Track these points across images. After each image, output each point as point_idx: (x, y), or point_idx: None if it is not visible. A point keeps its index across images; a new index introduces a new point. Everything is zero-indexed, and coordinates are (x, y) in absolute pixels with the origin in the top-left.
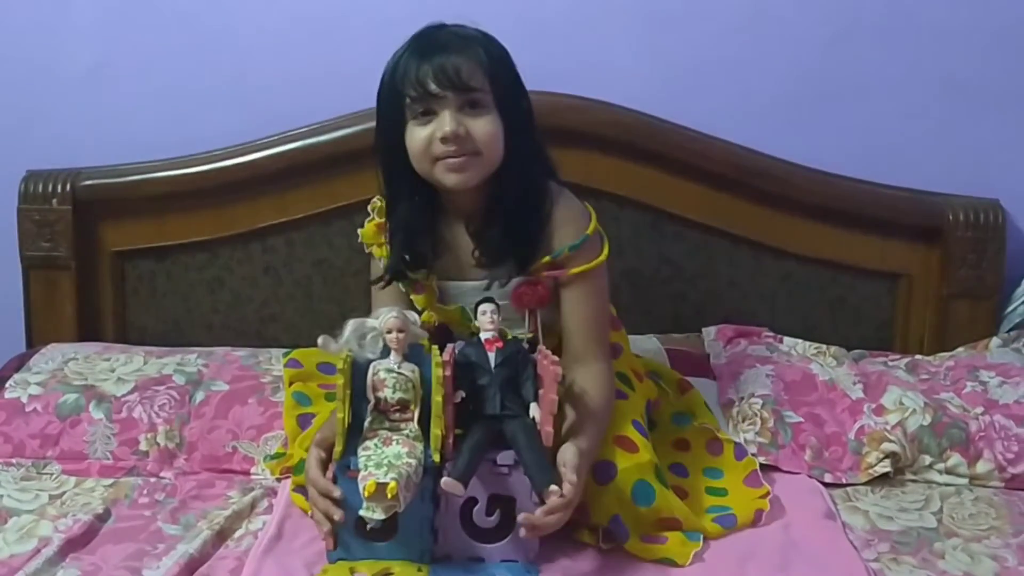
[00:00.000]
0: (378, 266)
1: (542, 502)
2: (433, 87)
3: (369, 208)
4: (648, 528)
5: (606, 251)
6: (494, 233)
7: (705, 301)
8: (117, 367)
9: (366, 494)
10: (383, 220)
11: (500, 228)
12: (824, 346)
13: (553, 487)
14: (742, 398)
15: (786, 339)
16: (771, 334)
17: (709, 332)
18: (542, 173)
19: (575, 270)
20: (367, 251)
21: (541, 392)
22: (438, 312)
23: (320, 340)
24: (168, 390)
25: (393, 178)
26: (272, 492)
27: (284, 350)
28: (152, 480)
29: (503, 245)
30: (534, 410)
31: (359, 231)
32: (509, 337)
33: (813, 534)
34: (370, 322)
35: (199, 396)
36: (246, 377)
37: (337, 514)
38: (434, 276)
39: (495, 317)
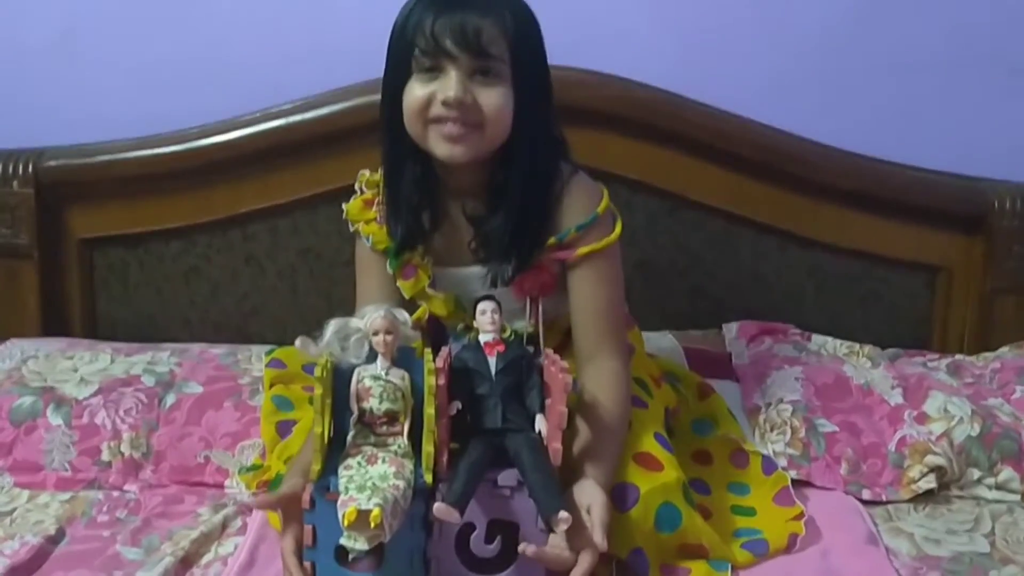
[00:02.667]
0: (364, 246)
1: (549, 529)
2: (447, 44)
3: (357, 183)
4: (669, 556)
5: (618, 229)
6: (494, 223)
7: (726, 295)
8: (80, 366)
9: (346, 523)
10: (372, 194)
11: (501, 218)
12: (857, 345)
13: (563, 514)
14: (769, 404)
15: (815, 337)
16: (798, 331)
17: (730, 329)
18: (553, 156)
19: (584, 250)
20: (352, 229)
21: (548, 403)
22: (428, 301)
23: (298, 341)
24: (136, 392)
25: (393, 141)
26: (246, 510)
27: (267, 348)
28: (114, 494)
29: (503, 237)
30: (540, 423)
31: (344, 206)
32: (507, 332)
33: (854, 562)
34: (354, 322)
35: (170, 399)
36: (222, 378)
37: None
38: (429, 258)
39: (496, 317)
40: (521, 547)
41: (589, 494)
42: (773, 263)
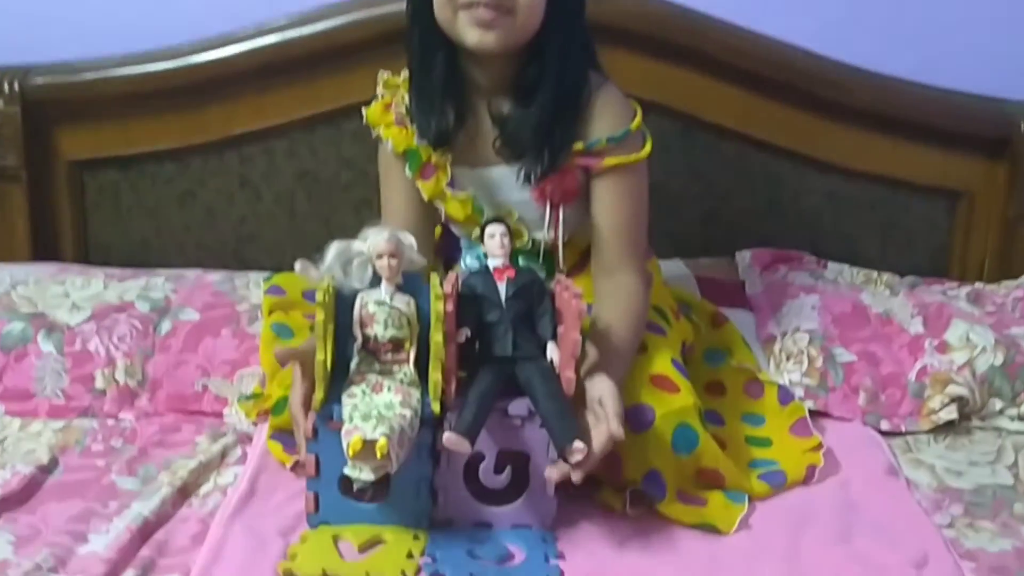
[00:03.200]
0: (386, 151)
1: (564, 460)
2: None
3: (379, 86)
4: (686, 483)
5: (648, 148)
6: (520, 119)
7: (740, 221)
8: (72, 292)
9: (351, 453)
10: (391, 96)
11: (528, 115)
12: (874, 273)
13: (578, 443)
14: (785, 333)
15: (831, 264)
16: (814, 259)
17: (744, 257)
18: (583, 59)
19: (612, 161)
20: (374, 135)
21: (560, 330)
22: (446, 202)
23: (298, 265)
24: (130, 319)
25: (422, 31)
26: (246, 439)
27: (265, 274)
28: (109, 423)
29: (529, 134)
30: (552, 351)
31: (364, 110)
32: (524, 239)
33: (875, 495)
34: (356, 245)
35: (165, 326)
36: (220, 305)
37: None
38: (449, 156)
39: (505, 242)
40: (548, 471)
41: (600, 387)
42: (789, 188)
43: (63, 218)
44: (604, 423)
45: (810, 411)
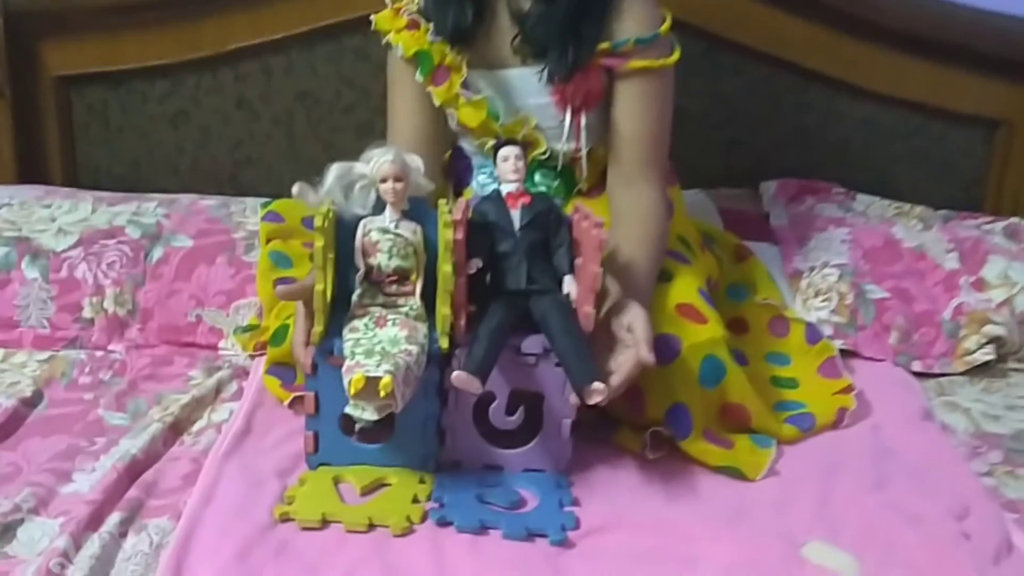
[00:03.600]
0: (395, 58)
1: (581, 400)
2: None
3: None
4: (711, 421)
5: (677, 54)
6: (544, 13)
7: (765, 149)
8: (59, 216)
9: (352, 391)
10: (402, 1)
11: (552, 7)
12: (906, 205)
13: (597, 384)
14: (812, 268)
15: (860, 196)
16: (842, 190)
17: (768, 187)
18: None
19: (638, 63)
20: (384, 42)
21: (578, 262)
22: (459, 109)
23: (295, 188)
24: (119, 245)
25: None
26: (243, 373)
27: (262, 200)
28: (97, 355)
29: (552, 29)
30: (569, 285)
31: (372, 18)
32: (542, 147)
33: (909, 439)
34: (359, 167)
35: (157, 253)
36: (214, 231)
37: None
38: (463, 56)
39: (520, 165)
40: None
41: (629, 313)
42: (818, 115)
43: (50, 138)
44: (631, 349)
45: (839, 351)
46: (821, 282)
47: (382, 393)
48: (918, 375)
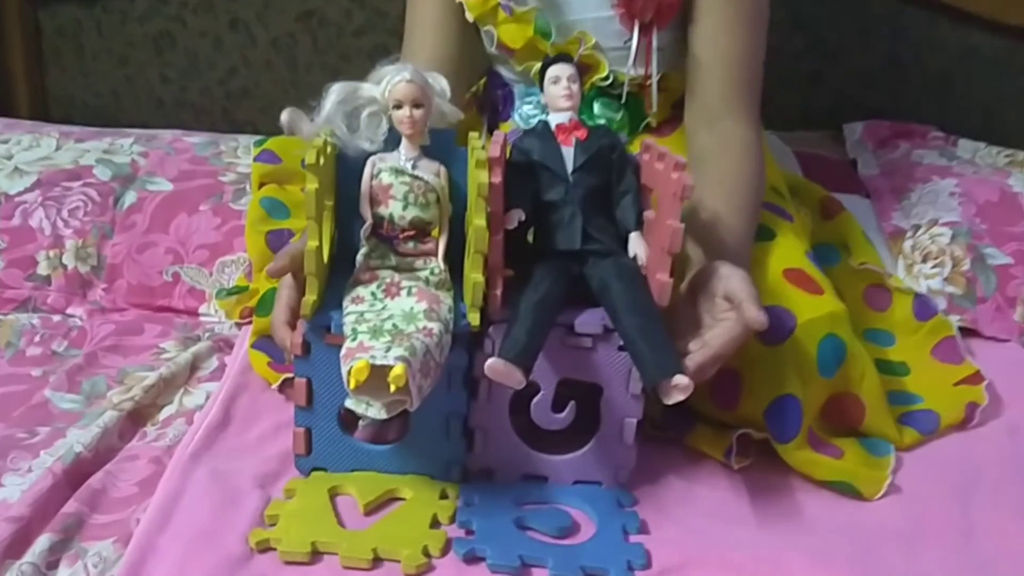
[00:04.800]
0: None
1: (655, 397)
2: None
3: None
4: (813, 419)
5: None
6: None
7: (850, 86)
8: (16, 153)
9: (352, 383)
10: None
11: None
12: (1019, 153)
13: (680, 378)
14: (918, 226)
15: (962, 142)
16: (940, 134)
17: (853, 130)
18: None
19: None
20: None
21: (649, 216)
22: (498, 25)
23: (285, 115)
24: (85, 188)
25: None
26: (225, 346)
27: (257, 138)
28: (53, 319)
29: None
30: (637, 244)
31: None
32: (603, 71)
33: None
34: (367, 88)
35: (128, 198)
36: (199, 173)
37: None
38: None
39: (574, 88)
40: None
41: (721, 278)
42: (914, 45)
43: (15, 66)
44: (726, 322)
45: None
46: (930, 244)
47: (392, 387)
48: None
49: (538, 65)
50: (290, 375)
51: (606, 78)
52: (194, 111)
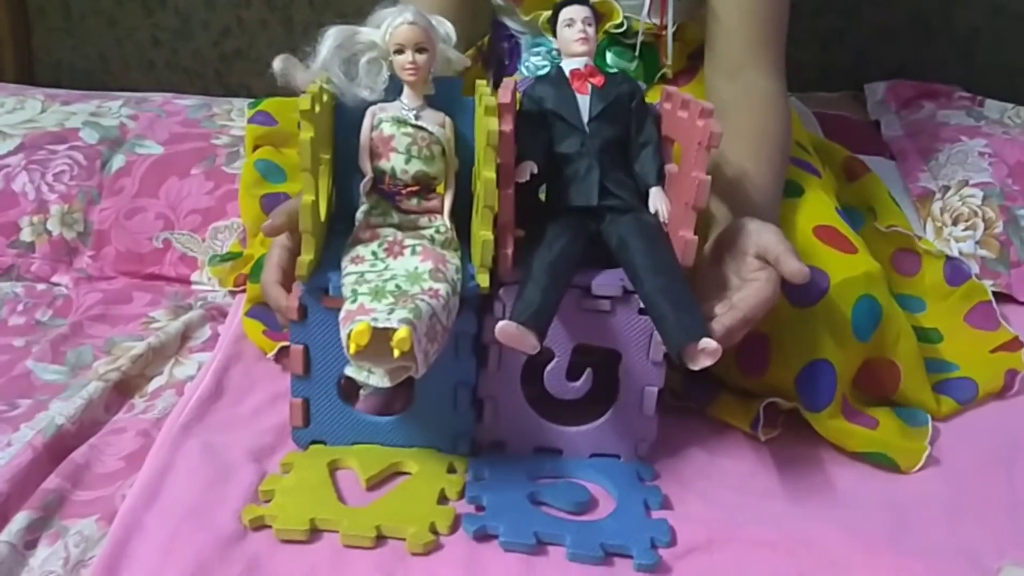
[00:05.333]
0: None
1: (677, 363)
2: None
3: None
4: (847, 386)
5: None
6: None
7: (872, 44)
8: (0, 115)
9: (352, 348)
10: None
11: None
12: None
13: (707, 342)
14: (947, 188)
15: (989, 102)
16: (967, 94)
17: (875, 90)
18: None
19: None
20: None
21: (671, 169)
22: None
23: (278, 62)
24: (71, 151)
25: None
26: (219, 315)
27: (251, 100)
28: (38, 288)
29: None
30: (658, 200)
31: None
32: (617, 18)
33: None
34: (366, 32)
35: (117, 162)
36: (191, 136)
37: None
38: None
39: (590, 31)
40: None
41: (751, 231)
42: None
43: (1, 26)
44: (757, 283)
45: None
46: (960, 205)
47: (396, 352)
48: None
49: (547, 14)
50: (286, 343)
51: (619, 25)
52: (186, 74)
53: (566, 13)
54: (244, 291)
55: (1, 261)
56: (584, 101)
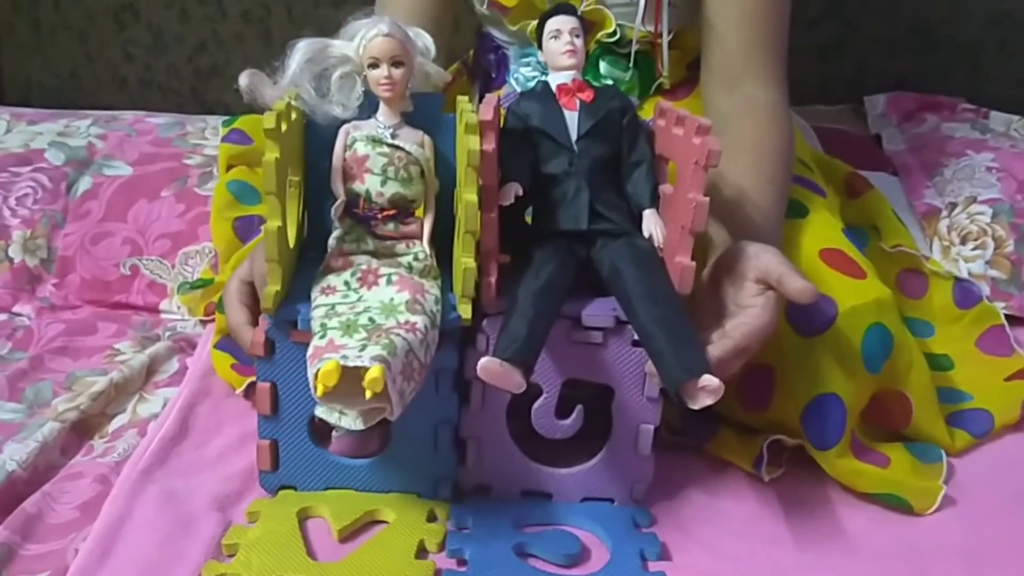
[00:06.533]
0: None
1: (678, 401)
2: None
3: None
4: (856, 422)
5: None
6: None
7: (872, 54)
8: None
9: (320, 389)
10: None
11: None
12: None
13: (708, 379)
14: (954, 205)
15: (994, 114)
16: (971, 106)
17: (876, 102)
18: None
19: None
20: None
21: (667, 190)
22: None
23: (243, 77)
24: (35, 173)
25: None
26: (187, 346)
27: (227, 118)
28: None
29: None
30: (652, 223)
31: None
32: (609, 27)
33: None
34: (338, 45)
35: (83, 184)
36: (161, 156)
37: None
38: None
39: (578, 43)
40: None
41: (751, 254)
42: (940, 8)
43: None
44: (756, 308)
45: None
46: (969, 223)
47: (368, 393)
48: None
49: (535, 24)
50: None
51: (612, 34)
52: (160, 91)
53: (552, 24)
54: (213, 320)
55: None
56: (572, 118)
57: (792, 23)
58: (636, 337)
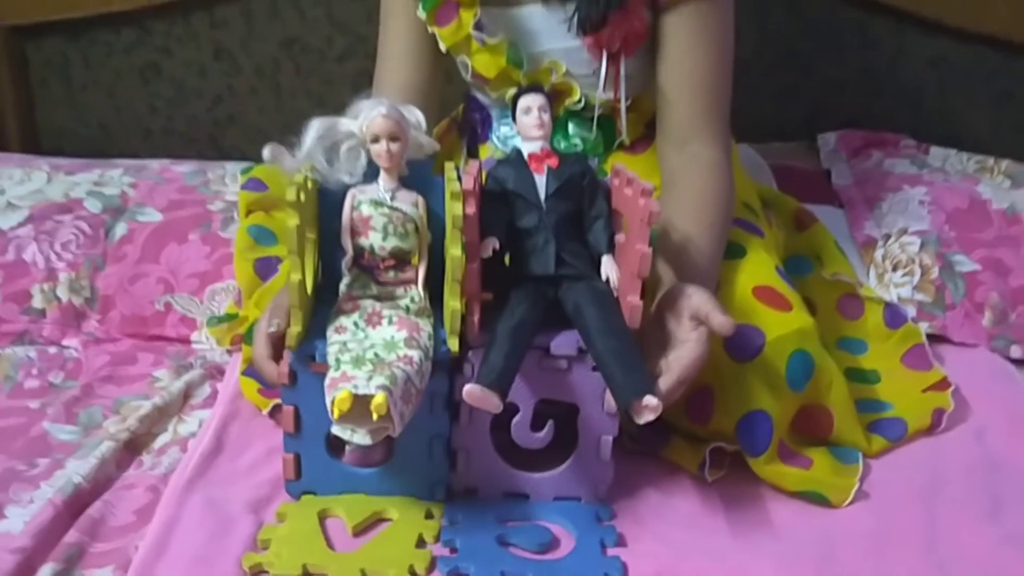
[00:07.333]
0: None
1: (627, 417)
2: None
3: None
4: (784, 431)
5: None
6: None
7: (823, 96)
8: (8, 188)
9: (336, 413)
10: None
11: None
12: (989, 159)
13: (650, 399)
14: (888, 235)
15: (934, 149)
16: (912, 142)
17: (828, 140)
18: None
19: None
20: None
21: (620, 240)
22: (471, 55)
23: (267, 151)
24: (77, 221)
25: None
26: (217, 373)
27: (244, 165)
28: (50, 351)
29: None
30: (609, 268)
31: None
32: (575, 96)
33: (1020, 448)
34: (345, 123)
35: (120, 230)
36: (188, 202)
37: None
38: None
39: (545, 118)
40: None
41: (688, 298)
42: (886, 54)
43: (4, 100)
44: (691, 343)
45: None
46: (900, 252)
47: (374, 416)
48: (1018, 363)
49: (512, 91)
50: (279, 401)
51: (578, 101)
52: (182, 139)
53: (524, 101)
54: (240, 350)
55: (15, 327)
56: (541, 181)
57: (750, 68)
58: (595, 364)
